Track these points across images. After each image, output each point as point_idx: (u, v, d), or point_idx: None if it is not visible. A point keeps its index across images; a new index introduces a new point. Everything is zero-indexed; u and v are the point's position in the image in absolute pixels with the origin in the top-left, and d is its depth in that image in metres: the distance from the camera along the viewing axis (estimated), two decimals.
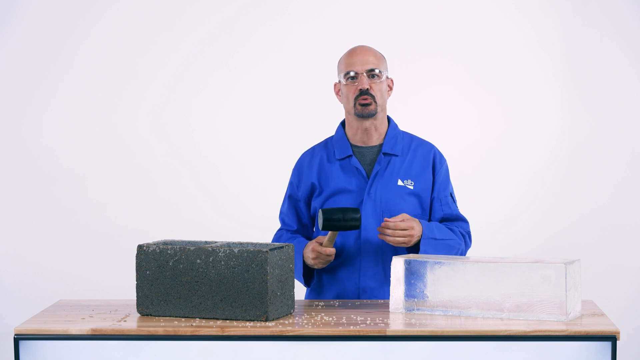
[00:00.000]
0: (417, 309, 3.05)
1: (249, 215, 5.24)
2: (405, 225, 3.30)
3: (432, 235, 3.36)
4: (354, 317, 3.00)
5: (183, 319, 2.98)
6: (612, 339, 2.80)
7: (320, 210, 3.26)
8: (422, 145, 3.52)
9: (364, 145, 3.47)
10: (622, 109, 5.22)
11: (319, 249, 3.34)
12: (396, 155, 3.46)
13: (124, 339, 2.86)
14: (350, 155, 3.46)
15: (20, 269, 5.24)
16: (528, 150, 5.26)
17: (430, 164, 3.49)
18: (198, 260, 2.99)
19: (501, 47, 5.26)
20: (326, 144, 3.55)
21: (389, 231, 3.30)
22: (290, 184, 3.56)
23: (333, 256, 3.35)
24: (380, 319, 2.97)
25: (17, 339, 2.87)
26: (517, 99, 5.27)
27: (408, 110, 5.16)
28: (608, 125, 5.23)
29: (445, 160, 3.53)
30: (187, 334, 2.85)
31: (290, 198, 3.55)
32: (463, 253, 3.47)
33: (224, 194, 5.28)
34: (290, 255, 3.05)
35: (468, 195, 5.14)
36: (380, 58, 3.44)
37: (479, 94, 5.27)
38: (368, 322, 2.93)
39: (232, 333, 2.85)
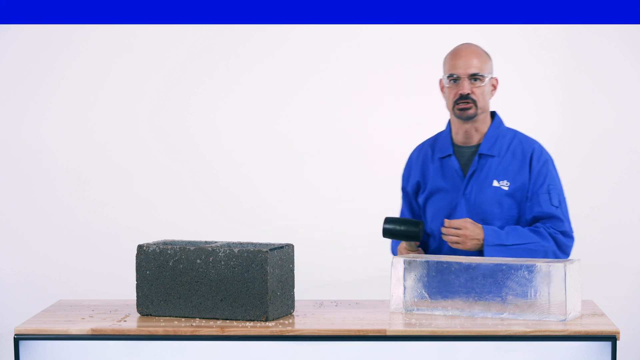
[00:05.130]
0: (417, 309, 3.05)
1: (249, 215, 5.23)
2: (458, 224, 3.30)
3: (499, 241, 3.30)
4: (354, 317, 3.00)
5: (183, 319, 2.98)
6: (612, 339, 2.80)
7: (384, 218, 3.35)
8: (523, 143, 3.45)
9: (464, 145, 3.46)
10: (622, 109, 5.22)
11: (405, 254, 3.41)
12: (493, 156, 3.42)
13: (124, 339, 2.86)
14: (450, 155, 3.46)
15: (20, 269, 5.24)
16: None
17: (527, 162, 3.41)
18: (198, 260, 2.98)
19: (501, 47, 5.26)
20: (435, 139, 3.55)
21: (443, 229, 3.33)
22: (403, 177, 3.61)
23: None
24: (381, 319, 2.97)
25: (17, 339, 2.87)
26: (517, 99, 5.26)
27: (408, 110, 5.16)
28: (608, 125, 5.22)
29: (544, 155, 3.42)
30: (187, 334, 2.85)
31: (404, 190, 3.61)
32: (555, 255, 3.34)
33: (223, 194, 5.28)
34: (290, 255, 3.05)
35: None
36: (485, 60, 3.40)
37: None
38: (368, 322, 2.93)
39: (232, 333, 2.85)
